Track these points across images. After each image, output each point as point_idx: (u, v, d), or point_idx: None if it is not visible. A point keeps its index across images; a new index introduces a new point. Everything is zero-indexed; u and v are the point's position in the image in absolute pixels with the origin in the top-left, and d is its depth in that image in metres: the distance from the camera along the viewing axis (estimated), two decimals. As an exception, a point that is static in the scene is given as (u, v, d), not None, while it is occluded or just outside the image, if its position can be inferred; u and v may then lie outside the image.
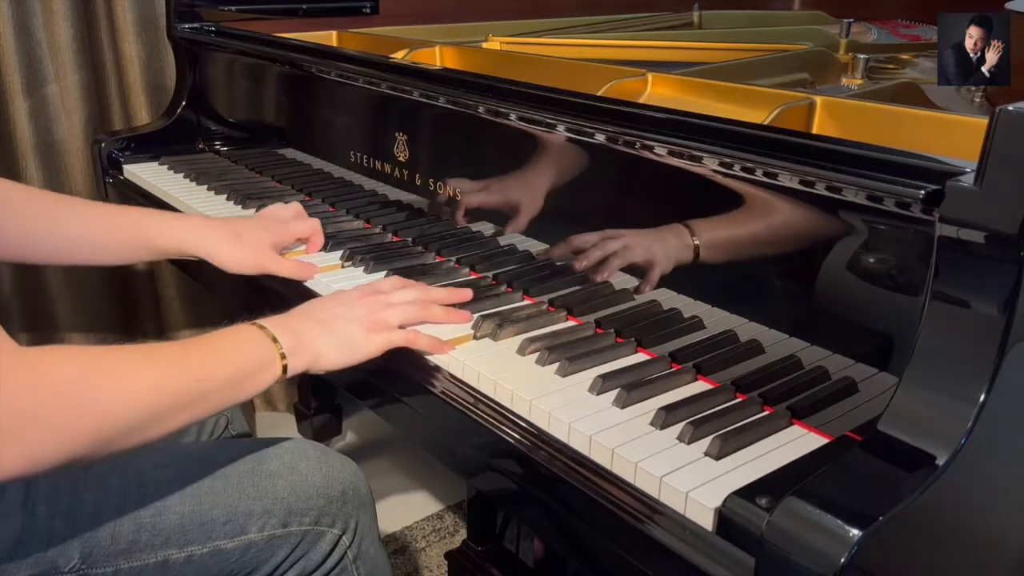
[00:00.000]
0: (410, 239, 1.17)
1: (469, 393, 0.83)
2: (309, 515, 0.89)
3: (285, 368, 0.81)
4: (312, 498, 0.89)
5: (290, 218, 1.14)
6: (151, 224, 1.06)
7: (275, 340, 0.81)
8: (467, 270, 1.07)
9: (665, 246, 0.87)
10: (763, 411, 0.75)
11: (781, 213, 0.78)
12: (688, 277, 0.87)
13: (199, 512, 0.84)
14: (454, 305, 0.95)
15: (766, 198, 0.78)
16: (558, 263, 0.99)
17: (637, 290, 0.91)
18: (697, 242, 0.84)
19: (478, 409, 0.81)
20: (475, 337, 0.90)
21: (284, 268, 1.07)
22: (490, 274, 1.05)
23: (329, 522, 0.90)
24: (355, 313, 0.88)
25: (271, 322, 0.83)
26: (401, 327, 0.89)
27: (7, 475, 0.61)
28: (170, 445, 0.91)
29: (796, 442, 0.71)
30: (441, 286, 0.98)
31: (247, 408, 1.93)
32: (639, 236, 0.90)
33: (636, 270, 0.91)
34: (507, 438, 0.77)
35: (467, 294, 0.96)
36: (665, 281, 0.88)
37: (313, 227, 1.14)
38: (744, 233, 0.81)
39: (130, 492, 0.82)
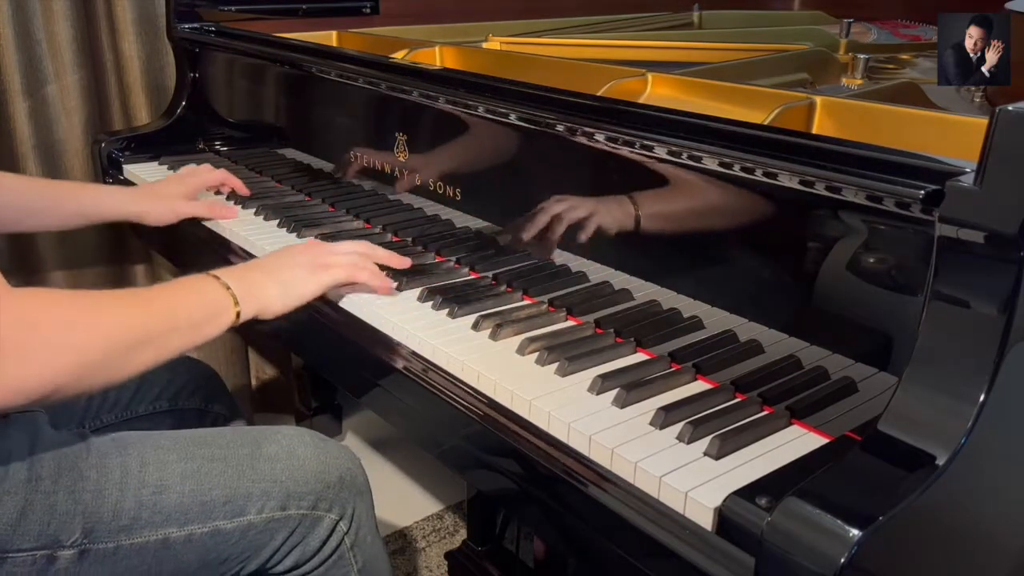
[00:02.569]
0: (410, 239, 1.17)
1: (469, 393, 0.83)
2: (307, 499, 0.90)
3: (238, 314, 0.88)
4: (310, 482, 0.90)
5: (200, 170, 1.34)
6: (83, 194, 1.24)
7: (228, 288, 0.88)
8: (467, 270, 1.07)
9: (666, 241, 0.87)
10: (762, 411, 0.75)
11: (781, 213, 0.78)
12: (687, 277, 0.87)
13: (199, 492, 0.85)
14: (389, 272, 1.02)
15: (766, 198, 0.78)
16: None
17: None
18: (694, 240, 0.84)
19: (478, 409, 0.81)
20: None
21: (198, 210, 1.28)
22: (490, 274, 1.05)
23: (326, 507, 0.91)
24: (297, 260, 0.97)
25: (224, 272, 0.90)
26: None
27: None
28: (171, 431, 0.93)
29: (796, 442, 0.71)
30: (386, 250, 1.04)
31: (246, 407, 1.93)
32: (642, 231, 0.90)
33: (636, 264, 0.91)
34: (507, 438, 0.77)
35: (406, 262, 1.03)
36: (663, 278, 0.89)
37: (222, 174, 1.33)
38: (744, 233, 0.81)
39: (131, 471, 0.83)
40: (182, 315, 0.83)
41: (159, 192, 1.28)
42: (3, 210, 1.14)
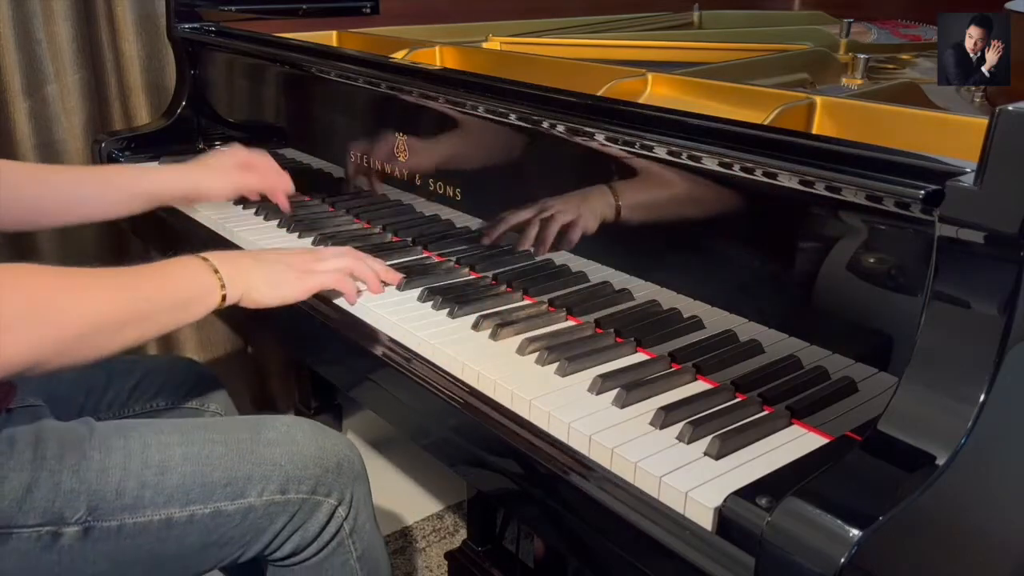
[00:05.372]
0: (410, 239, 1.17)
1: (469, 393, 0.83)
2: (306, 483, 0.91)
3: (224, 297, 0.89)
4: (308, 467, 0.92)
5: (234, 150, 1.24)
6: (135, 175, 1.18)
7: (216, 271, 0.89)
8: (467, 270, 1.07)
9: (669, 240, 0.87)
10: (763, 411, 0.75)
11: (781, 213, 0.78)
12: (687, 277, 0.87)
13: (200, 473, 0.87)
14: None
15: (766, 198, 0.78)
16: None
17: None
18: (694, 240, 0.84)
19: (478, 409, 0.81)
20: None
21: (254, 182, 1.19)
22: (490, 274, 1.05)
23: (325, 492, 0.92)
24: (289, 260, 0.98)
25: (213, 255, 0.91)
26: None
27: None
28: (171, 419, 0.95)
29: (796, 442, 0.71)
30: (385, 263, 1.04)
31: (247, 406, 1.93)
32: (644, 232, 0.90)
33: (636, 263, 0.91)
34: (507, 438, 0.77)
35: (397, 278, 1.03)
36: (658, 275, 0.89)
37: (274, 182, 1.22)
38: (744, 233, 0.81)
39: (134, 452, 0.85)
40: (168, 296, 0.85)
41: (211, 163, 1.20)
42: (52, 202, 1.10)
